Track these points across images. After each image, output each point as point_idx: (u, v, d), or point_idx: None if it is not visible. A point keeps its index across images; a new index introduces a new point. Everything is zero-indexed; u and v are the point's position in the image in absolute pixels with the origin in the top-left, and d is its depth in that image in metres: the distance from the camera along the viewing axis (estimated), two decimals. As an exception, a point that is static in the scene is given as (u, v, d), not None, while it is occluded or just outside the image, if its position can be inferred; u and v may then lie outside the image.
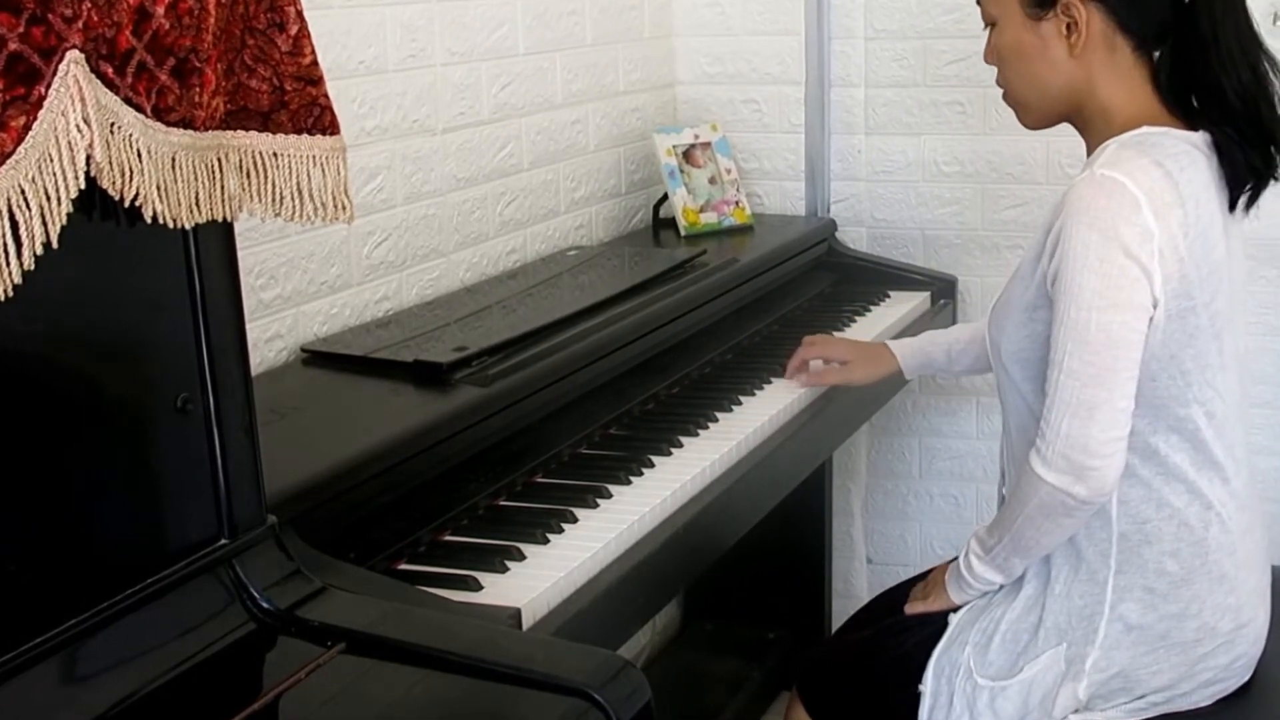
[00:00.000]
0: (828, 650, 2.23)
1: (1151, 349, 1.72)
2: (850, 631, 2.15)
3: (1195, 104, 1.80)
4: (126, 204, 1.17)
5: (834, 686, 2.05)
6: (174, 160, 1.20)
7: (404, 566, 1.69)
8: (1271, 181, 1.81)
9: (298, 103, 1.32)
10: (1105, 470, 1.70)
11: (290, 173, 1.33)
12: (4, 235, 1.05)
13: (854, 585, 3.41)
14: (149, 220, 1.19)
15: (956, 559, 1.94)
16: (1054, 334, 1.72)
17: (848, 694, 2.03)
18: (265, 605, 1.37)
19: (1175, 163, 1.72)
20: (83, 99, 1.09)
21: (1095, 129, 1.83)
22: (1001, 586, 1.89)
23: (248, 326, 1.40)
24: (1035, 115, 1.89)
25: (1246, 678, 1.85)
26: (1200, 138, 1.78)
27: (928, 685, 1.86)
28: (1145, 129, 1.77)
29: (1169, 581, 1.78)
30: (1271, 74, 1.78)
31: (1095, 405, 1.69)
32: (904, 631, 1.97)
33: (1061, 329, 1.70)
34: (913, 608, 2.00)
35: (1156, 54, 1.81)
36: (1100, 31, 1.79)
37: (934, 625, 1.91)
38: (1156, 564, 1.78)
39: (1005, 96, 1.91)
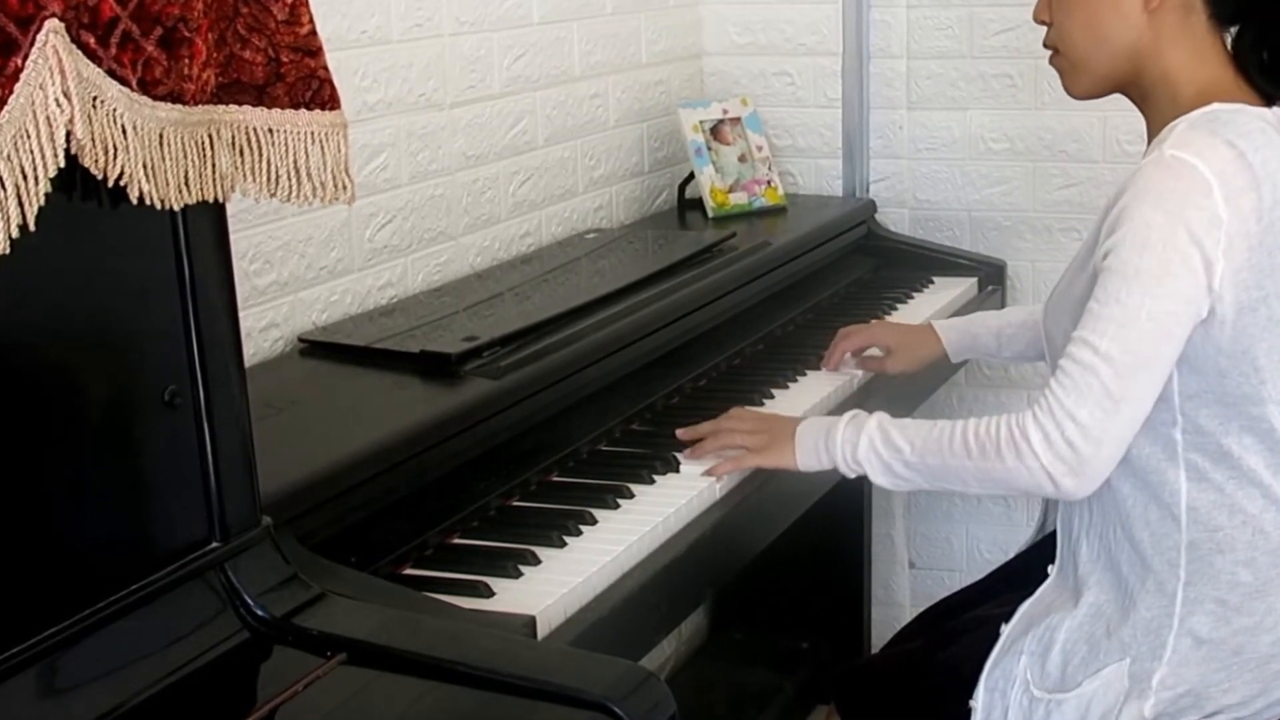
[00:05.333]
0: (869, 663, 2.22)
1: (1220, 344, 1.71)
2: (894, 645, 2.15)
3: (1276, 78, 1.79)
4: (110, 184, 1.17)
5: (876, 701, 2.05)
6: (161, 137, 1.20)
7: (409, 571, 1.69)
8: None
9: (295, 75, 1.32)
10: (1104, 471, 1.72)
11: (287, 150, 1.33)
12: (-22, 217, 1.05)
13: (895, 592, 3.41)
14: (134, 201, 1.19)
15: (816, 421, 1.94)
16: (1092, 308, 1.70)
17: (891, 709, 2.02)
18: (260, 613, 1.37)
19: (1249, 142, 1.71)
20: (63, 71, 1.09)
21: (1158, 101, 1.82)
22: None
23: (241, 315, 1.40)
24: (1089, 78, 1.87)
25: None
26: (1275, 114, 1.78)
27: (979, 700, 1.85)
28: (1216, 106, 1.76)
29: (1243, 593, 1.77)
30: None
31: (1124, 399, 1.68)
32: (953, 642, 1.96)
33: (1105, 308, 1.69)
34: (724, 437, 1.99)
35: (1230, 30, 1.80)
36: None
37: (986, 635, 1.90)
38: (1230, 574, 1.77)
39: (1054, 58, 1.89)
